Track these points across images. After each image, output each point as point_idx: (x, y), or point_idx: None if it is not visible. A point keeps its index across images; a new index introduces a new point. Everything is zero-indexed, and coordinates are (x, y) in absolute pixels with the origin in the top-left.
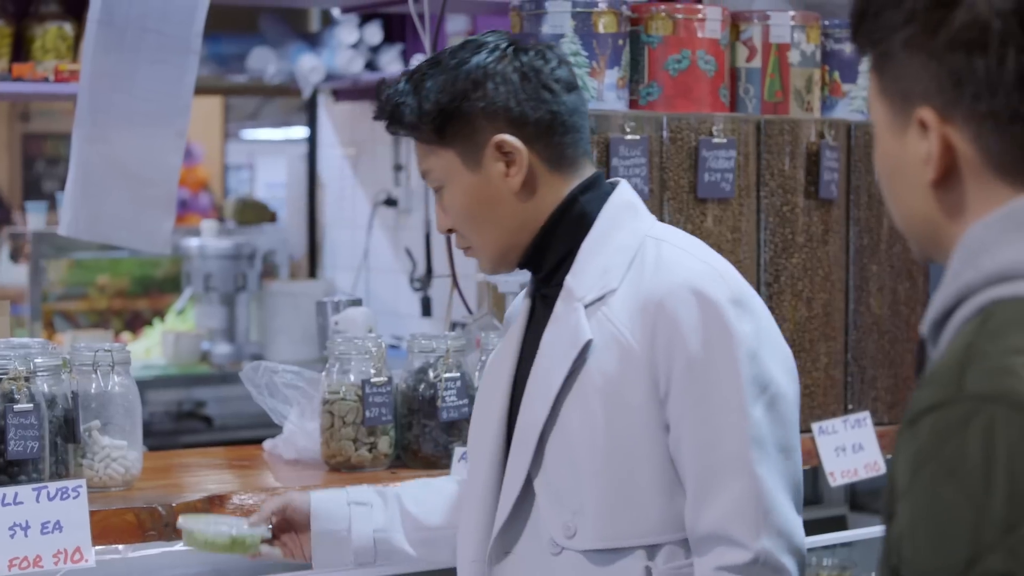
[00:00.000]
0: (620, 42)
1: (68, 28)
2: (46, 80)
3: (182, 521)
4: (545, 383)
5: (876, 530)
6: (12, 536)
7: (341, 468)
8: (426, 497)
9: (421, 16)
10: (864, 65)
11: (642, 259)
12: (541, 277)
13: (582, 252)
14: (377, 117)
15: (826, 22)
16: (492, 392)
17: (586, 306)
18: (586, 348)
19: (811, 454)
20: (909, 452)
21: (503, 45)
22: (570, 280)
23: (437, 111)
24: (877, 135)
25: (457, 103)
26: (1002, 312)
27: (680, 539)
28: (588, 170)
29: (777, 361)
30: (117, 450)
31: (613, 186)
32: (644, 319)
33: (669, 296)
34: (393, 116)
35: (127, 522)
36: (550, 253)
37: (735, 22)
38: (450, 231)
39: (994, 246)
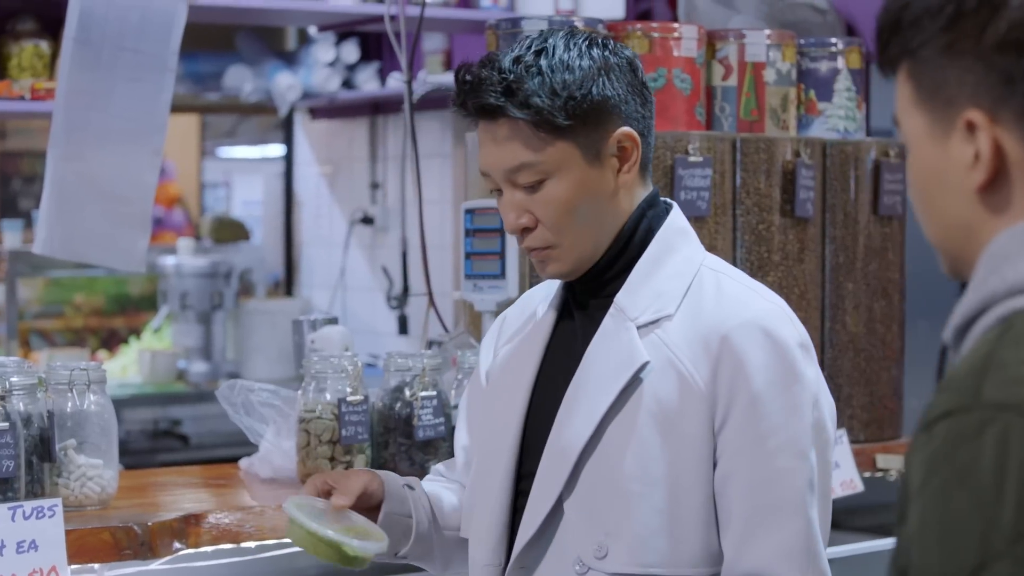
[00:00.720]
0: None
1: (44, 46)
2: (22, 98)
3: (292, 511)
4: (590, 401)
5: (854, 548)
6: None
7: None
8: (441, 497)
9: (397, 35)
10: (840, 83)
11: (699, 289)
12: (585, 287)
13: (636, 271)
14: (479, 100)
15: (802, 41)
16: (509, 397)
17: (638, 327)
18: (640, 370)
19: None
20: (923, 456)
21: (608, 39)
22: (622, 298)
23: (568, 95)
24: (912, 146)
25: (587, 89)
26: (1023, 323)
27: (711, 574)
28: (650, 183)
29: (828, 408)
30: (93, 469)
31: (668, 207)
32: (707, 351)
33: (736, 331)
34: (511, 96)
35: (103, 541)
36: (621, 261)
37: (711, 41)
38: (524, 230)
39: (1017, 256)
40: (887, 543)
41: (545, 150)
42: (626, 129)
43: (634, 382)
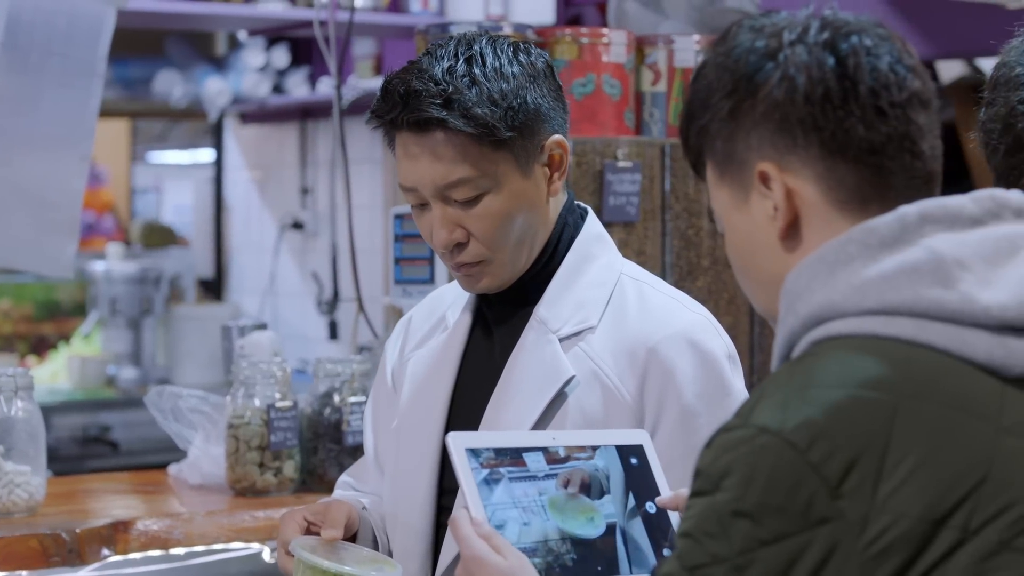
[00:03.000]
0: None
1: None
2: None
3: (310, 558)
4: (515, 416)
5: None
6: None
7: (246, 493)
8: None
9: (327, 40)
10: None
11: (621, 298)
12: (502, 297)
13: (556, 281)
14: (417, 113)
15: None
16: (426, 412)
17: (561, 339)
18: (566, 384)
19: None
20: (698, 464)
21: (528, 43)
22: (543, 310)
23: (507, 106)
24: (725, 224)
25: (523, 97)
26: (817, 351)
27: None
28: (565, 188)
29: None
30: (20, 476)
31: (583, 212)
32: (632, 364)
33: (664, 344)
34: (451, 108)
35: (31, 548)
36: (542, 271)
37: (640, 46)
38: (458, 245)
39: (806, 292)
40: None
41: (485, 164)
42: (558, 137)
43: (559, 397)
